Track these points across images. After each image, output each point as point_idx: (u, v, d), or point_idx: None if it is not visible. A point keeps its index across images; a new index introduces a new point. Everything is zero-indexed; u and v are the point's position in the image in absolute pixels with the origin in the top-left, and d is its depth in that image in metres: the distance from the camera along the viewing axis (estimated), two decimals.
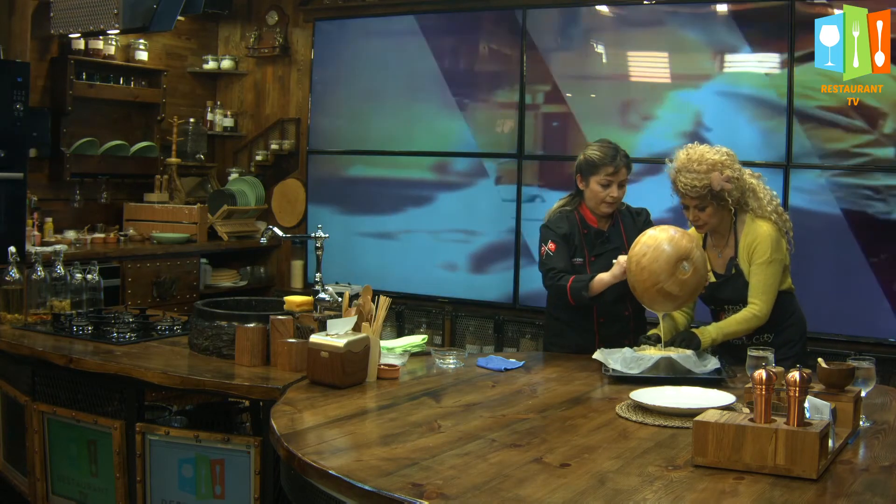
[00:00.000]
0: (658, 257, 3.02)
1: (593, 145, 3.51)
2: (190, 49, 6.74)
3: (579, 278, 3.34)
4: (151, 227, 6.06)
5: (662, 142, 5.24)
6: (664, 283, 3.02)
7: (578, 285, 3.32)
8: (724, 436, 2.02)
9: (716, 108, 5.16)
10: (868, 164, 4.77)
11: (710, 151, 3.32)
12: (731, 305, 3.36)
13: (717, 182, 3.26)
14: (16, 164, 4.94)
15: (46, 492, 3.34)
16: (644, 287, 3.07)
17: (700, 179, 3.25)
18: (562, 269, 3.40)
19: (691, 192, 3.28)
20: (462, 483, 1.93)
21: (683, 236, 3.09)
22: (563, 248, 3.45)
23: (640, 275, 3.06)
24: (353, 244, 6.28)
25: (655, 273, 3.02)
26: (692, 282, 3.05)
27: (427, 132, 6.09)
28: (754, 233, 3.31)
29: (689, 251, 3.04)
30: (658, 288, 3.03)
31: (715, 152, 3.32)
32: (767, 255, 3.26)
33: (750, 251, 3.30)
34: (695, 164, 3.28)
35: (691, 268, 3.03)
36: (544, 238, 3.50)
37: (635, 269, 3.08)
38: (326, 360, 2.75)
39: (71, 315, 3.61)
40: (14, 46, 5.26)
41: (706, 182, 3.25)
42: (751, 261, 3.30)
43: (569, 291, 3.34)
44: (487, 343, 5.76)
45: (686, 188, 3.28)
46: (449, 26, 6.02)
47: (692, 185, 3.26)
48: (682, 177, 3.29)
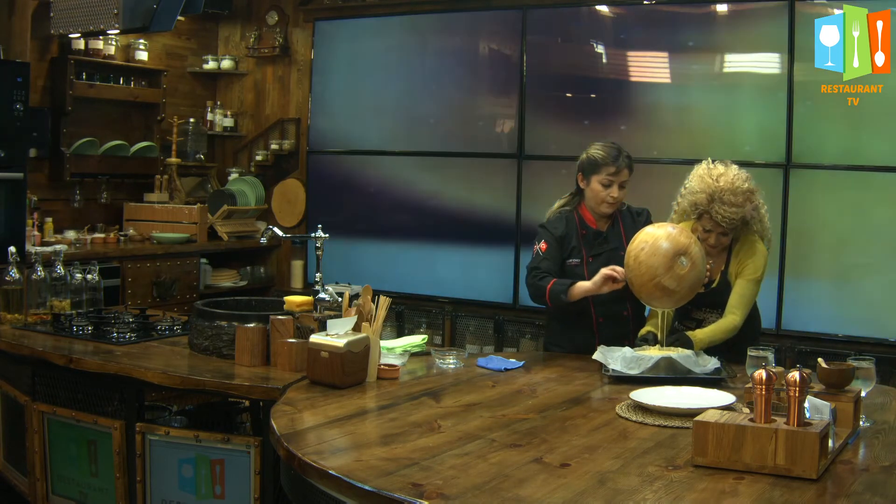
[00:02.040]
0: (656, 251, 3.01)
1: (596, 145, 3.49)
2: (190, 49, 6.74)
3: (560, 282, 3.32)
4: (151, 227, 6.06)
5: (662, 142, 5.25)
6: (662, 278, 3.01)
7: (558, 288, 3.30)
8: (724, 436, 2.02)
9: (716, 108, 5.15)
10: (868, 164, 4.77)
11: (738, 178, 3.28)
12: (707, 308, 3.40)
13: (749, 213, 3.27)
14: (16, 164, 4.94)
15: (46, 492, 3.34)
16: (642, 282, 3.06)
17: (737, 213, 3.23)
18: (545, 270, 3.39)
19: (729, 224, 3.25)
20: (462, 483, 1.93)
21: (682, 232, 3.09)
22: (555, 249, 3.44)
23: (637, 269, 3.05)
24: (353, 244, 6.28)
25: (653, 267, 3.01)
26: (690, 277, 3.04)
27: (427, 132, 6.09)
28: (750, 249, 3.35)
29: (687, 246, 3.04)
30: (656, 283, 3.02)
31: (741, 178, 3.28)
32: (758, 275, 3.33)
33: (741, 265, 3.34)
34: (729, 195, 3.23)
35: (689, 263, 3.02)
36: (539, 238, 3.50)
37: (633, 264, 3.07)
38: (326, 360, 2.76)
39: (71, 315, 3.61)
40: (14, 46, 5.26)
41: (742, 214, 3.25)
42: (739, 273, 3.33)
43: (547, 293, 3.32)
44: (487, 343, 5.76)
45: (724, 220, 3.24)
46: (449, 26, 6.02)
47: (731, 218, 3.23)
48: (720, 208, 3.23)
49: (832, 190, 4.87)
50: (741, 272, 3.33)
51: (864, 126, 4.75)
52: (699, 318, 3.40)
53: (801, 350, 4.85)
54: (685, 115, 5.23)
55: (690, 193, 3.34)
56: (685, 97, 5.25)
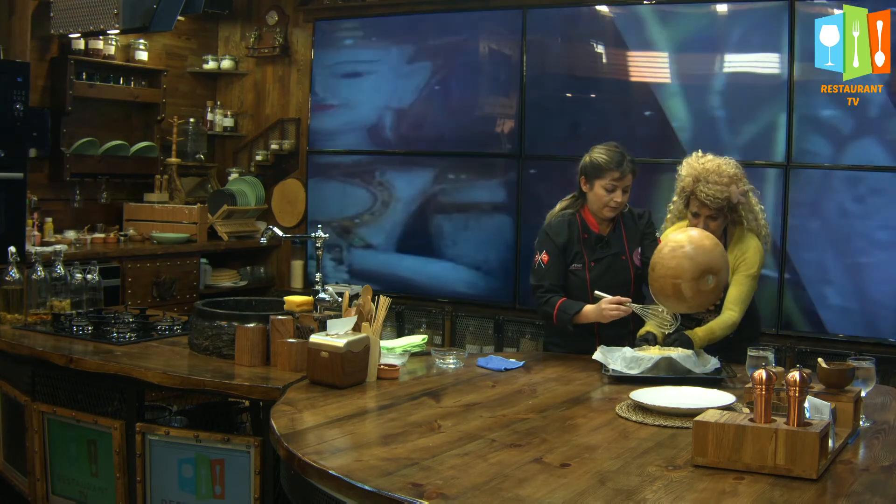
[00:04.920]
0: (694, 257, 3.00)
1: (600, 148, 3.44)
2: (190, 49, 6.74)
3: (564, 308, 3.32)
4: (151, 227, 6.06)
5: (663, 142, 5.25)
6: (683, 283, 3.01)
7: (563, 317, 3.31)
8: (724, 436, 2.02)
9: (716, 107, 5.15)
10: (868, 164, 4.77)
11: (725, 163, 3.36)
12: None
13: (735, 195, 3.32)
14: (16, 164, 4.94)
15: (46, 492, 3.34)
16: (664, 273, 3.04)
17: (721, 191, 3.29)
18: (549, 287, 3.38)
19: (713, 203, 3.29)
20: (462, 483, 1.93)
21: (723, 255, 3.09)
22: (558, 260, 3.42)
23: (669, 260, 3.03)
24: (353, 244, 6.28)
25: (683, 269, 3.00)
26: (707, 296, 3.07)
27: (427, 132, 6.08)
28: (745, 245, 3.38)
29: (720, 270, 3.04)
30: (676, 283, 3.02)
31: (728, 164, 3.36)
32: (754, 270, 3.35)
33: (737, 261, 3.36)
34: (714, 176, 3.31)
35: (713, 284, 3.04)
36: (540, 246, 3.47)
37: (667, 254, 3.05)
38: (326, 360, 2.76)
39: (71, 315, 3.61)
40: (14, 46, 5.26)
41: (727, 194, 3.29)
42: (735, 269, 3.35)
43: (555, 318, 3.34)
44: (487, 343, 5.76)
45: (708, 199, 3.29)
46: (449, 26, 6.01)
47: (714, 197, 3.29)
48: (704, 187, 3.30)
49: (832, 190, 4.87)
50: (737, 268, 3.35)
51: (864, 126, 4.75)
52: (698, 318, 3.40)
53: (801, 350, 4.85)
54: (685, 115, 5.23)
55: (679, 180, 3.43)
56: (685, 97, 5.24)
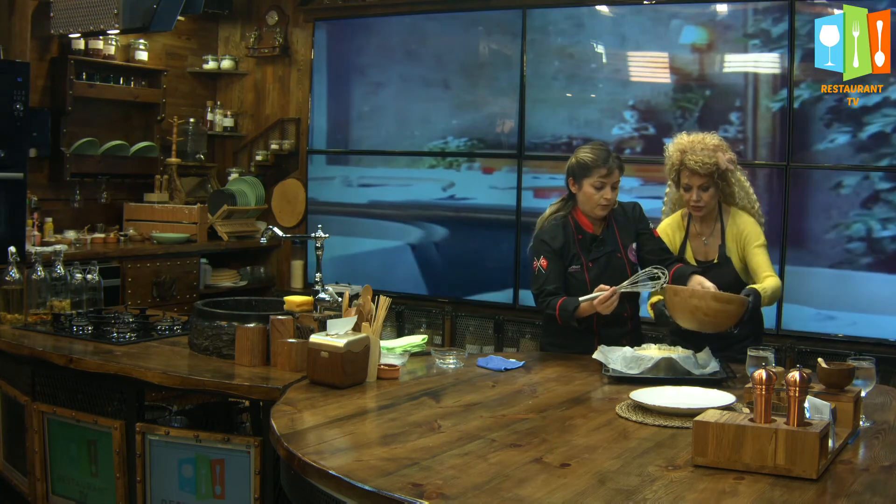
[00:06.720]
0: (727, 306, 3.11)
1: (585, 148, 3.46)
2: (190, 49, 6.74)
3: (564, 307, 3.31)
4: (151, 227, 6.06)
5: (662, 142, 5.24)
6: (704, 316, 3.10)
7: (566, 315, 3.31)
8: (724, 436, 2.02)
9: (716, 108, 5.15)
10: (868, 164, 4.76)
11: (709, 136, 3.53)
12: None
13: (723, 161, 3.45)
14: (16, 164, 4.94)
15: (46, 492, 3.34)
16: (690, 295, 3.13)
17: (709, 156, 3.43)
18: (551, 291, 3.37)
19: (702, 168, 3.42)
20: (462, 483, 1.93)
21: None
22: (556, 263, 3.41)
23: (698, 292, 3.15)
24: (353, 244, 6.28)
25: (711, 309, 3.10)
26: (716, 328, 3.16)
27: (427, 132, 6.09)
28: (742, 223, 3.51)
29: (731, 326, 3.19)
30: (695, 313, 3.11)
31: (712, 136, 3.53)
32: (762, 239, 3.50)
33: (740, 240, 3.49)
34: (699, 145, 3.47)
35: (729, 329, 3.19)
36: (537, 251, 3.45)
37: (704, 285, 3.20)
38: (326, 360, 2.75)
39: (71, 315, 3.61)
40: (14, 46, 5.26)
41: (714, 160, 3.43)
42: (744, 247, 3.48)
43: (559, 319, 3.33)
44: (487, 343, 5.76)
45: (697, 165, 3.42)
46: (449, 26, 6.02)
47: (703, 162, 3.42)
48: (692, 155, 3.44)
49: (832, 190, 4.87)
50: (745, 243, 3.47)
51: (864, 126, 4.75)
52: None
53: (801, 350, 4.85)
54: (685, 115, 5.23)
55: (667, 159, 3.57)
56: (685, 97, 5.25)
